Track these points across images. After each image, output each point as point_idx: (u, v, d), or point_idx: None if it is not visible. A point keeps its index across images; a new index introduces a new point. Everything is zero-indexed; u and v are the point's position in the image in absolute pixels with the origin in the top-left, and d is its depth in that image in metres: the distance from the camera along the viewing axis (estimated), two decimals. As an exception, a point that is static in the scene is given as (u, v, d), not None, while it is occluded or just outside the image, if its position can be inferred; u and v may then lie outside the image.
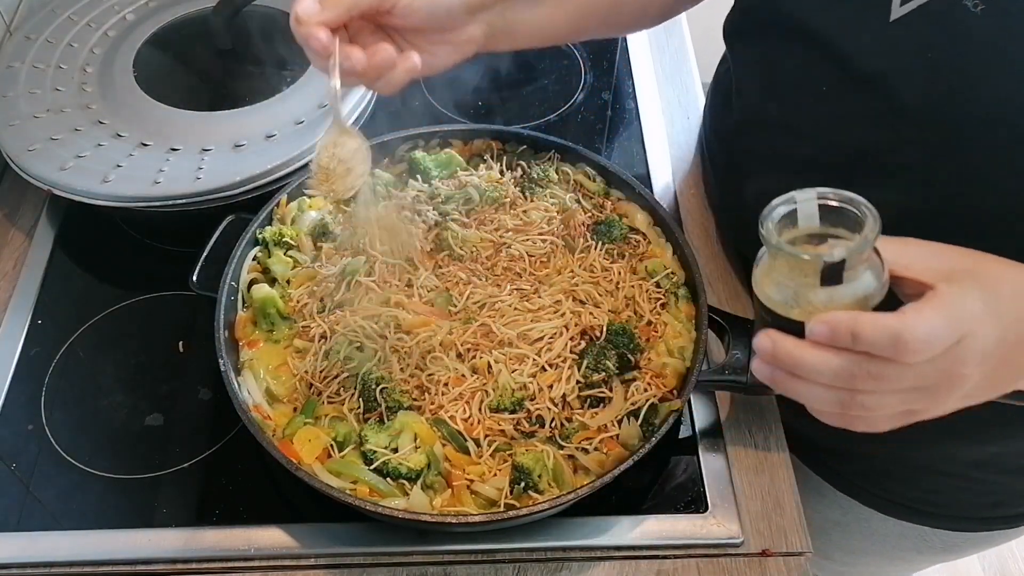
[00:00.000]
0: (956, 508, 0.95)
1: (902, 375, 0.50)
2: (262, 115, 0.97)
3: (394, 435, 0.74)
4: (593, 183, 0.93)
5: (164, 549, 0.77)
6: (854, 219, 0.53)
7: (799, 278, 0.54)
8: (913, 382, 0.51)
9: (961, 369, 0.51)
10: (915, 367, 0.50)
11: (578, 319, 0.80)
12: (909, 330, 0.48)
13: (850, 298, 0.53)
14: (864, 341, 0.49)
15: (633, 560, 0.78)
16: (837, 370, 0.51)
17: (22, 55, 1.04)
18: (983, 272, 0.54)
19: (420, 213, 0.88)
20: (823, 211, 0.54)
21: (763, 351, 0.54)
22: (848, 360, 0.51)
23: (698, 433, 0.85)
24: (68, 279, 0.98)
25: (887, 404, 0.53)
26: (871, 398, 0.52)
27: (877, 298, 0.54)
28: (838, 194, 0.54)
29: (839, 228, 0.54)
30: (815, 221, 0.54)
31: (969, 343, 0.50)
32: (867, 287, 0.53)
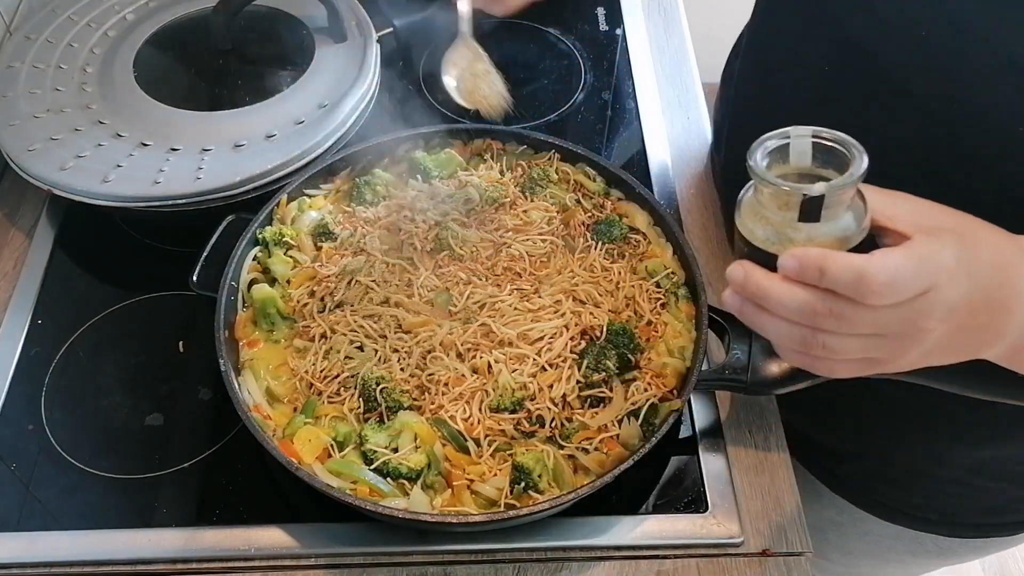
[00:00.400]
0: (951, 514, 0.94)
1: (864, 318, 0.50)
2: (262, 115, 0.97)
3: (394, 435, 0.74)
4: (593, 183, 0.93)
5: (164, 549, 0.77)
6: (844, 161, 0.53)
7: (781, 213, 0.54)
8: (875, 327, 0.51)
9: (924, 322, 0.51)
10: (878, 312, 0.50)
11: (578, 319, 0.80)
12: (875, 271, 0.48)
13: (828, 238, 0.53)
14: (830, 277, 0.49)
15: (633, 560, 0.78)
16: (801, 304, 0.51)
17: (22, 55, 1.04)
18: (966, 231, 0.54)
19: (420, 213, 0.88)
20: (816, 149, 0.54)
21: (734, 280, 0.54)
22: (813, 295, 0.51)
23: (698, 433, 0.85)
24: (68, 279, 0.98)
25: (848, 348, 0.52)
26: (833, 339, 0.52)
27: (855, 241, 0.54)
28: (831, 133, 0.54)
29: (829, 169, 0.54)
30: (807, 159, 0.54)
31: (935, 295, 0.50)
32: (846, 228, 0.53)
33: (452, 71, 0.73)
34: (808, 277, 0.50)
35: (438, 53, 1.21)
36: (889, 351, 0.53)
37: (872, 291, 0.48)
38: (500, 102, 0.87)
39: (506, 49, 0.94)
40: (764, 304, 0.53)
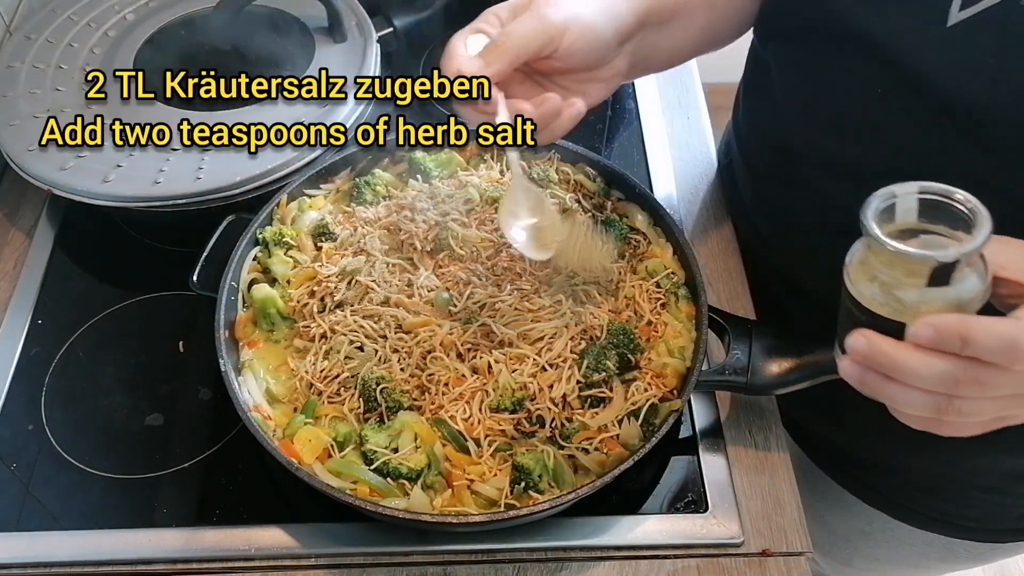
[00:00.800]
0: (989, 521, 0.94)
1: (1009, 381, 0.49)
2: (262, 115, 0.97)
3: (394, 435, 0.74)
4: (593, 183, 0.93)
5: (164, 549, 0.77)
6: (954, 215, 0.51)
7: (899, 276, 0.51)
8: (1016, 388, 0.49)
9: None
10: (1021, 373, 0.48)
11: (578, 319, 0.80)
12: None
13: (952, 300, 0.51)
14: (976, 346, 0.47)
15: (633, 560, 0.78)
16: (941, 375, 0.49)
17: (22, 55, 1.04)
18: None
19: (420, 213, 0.88)
20: (921, 206, 0.52)
21: (857, 351, 0.52)
22: (953, 365, 0.48)
23: (698, 433, 0.85)
24: (68, 279, 0.98)
25: (984, 410, 0.51)
26: (969, 404, 0.50)
27: (980, 302, 0.51)
28: (941, 189, 0.52)
29: (937, 224, 0.52)
30: (912, 216, 0.52)
31: None
32: (971, 289, 0.51)
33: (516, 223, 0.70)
34: (947, 346, 0.48)
35: (438, 53, 1.21)
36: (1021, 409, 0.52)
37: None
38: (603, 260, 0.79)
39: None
40: (895, 376, 0.51)
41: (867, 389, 0.54)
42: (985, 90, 0.62)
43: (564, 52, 0.66)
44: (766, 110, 0.89)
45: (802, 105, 0.81)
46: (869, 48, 0.69)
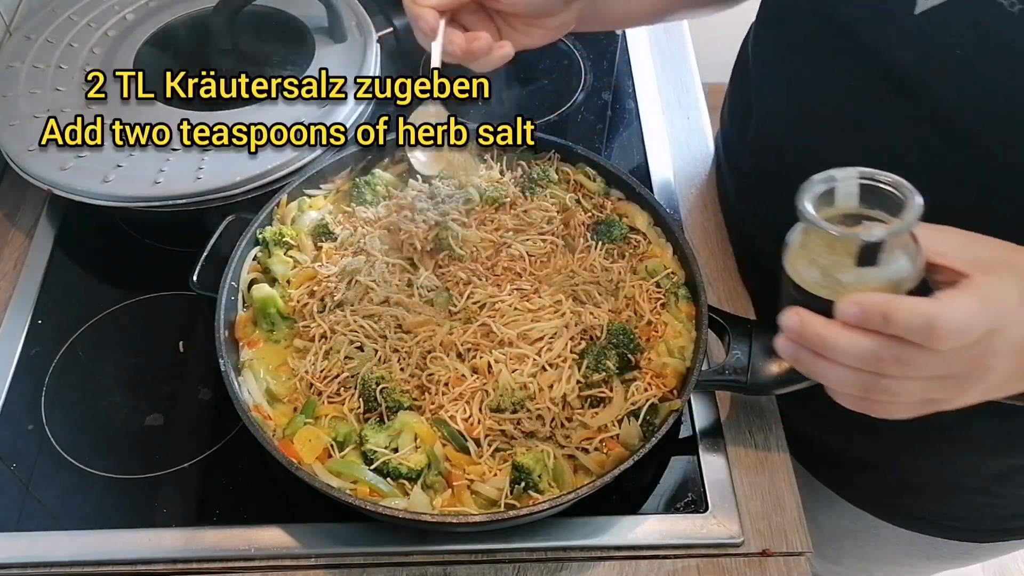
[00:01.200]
0: (972, 521, 0.94)
1: (930, 362, 0.49)
2: (262, 115, 0.97)
3: (394, 435, 0.74)
4: (593, 183, 0.93)
5: (164, 549, 0.77)
6: (893, 201, 0.53)
7: (832, 257, 0.53)
8: (940, 370, 0.50)
9: (990, 361, 0.50)
10: (944, 355, 0.49)
11: (578, 319, 0.80)
12: (943, 316, 0.47)
13: (883, 281, 0.52)
14: (897, 325, 0.48)
15: (633, 560, 0.78)
16: (865, 352, 0.50)
17: (22, 55, 1.04)
18: (1020, 265, 0.52)
19: (420, 213, 0.88)
20: (862, 191, 0.54)
21: (790, 329, 0.53)
22: (877, 343, 0.50)
23: (698, 433, 0.85)
24: (68, 279, 0.98)
25: (911, 391, 0.52)
26: (895, 383, 0.51)
27: (910, 283, 0.53)
28: (879, 174, 0.53)
29: (876, 209, 0.53)
30: (853, 201, 0.54)
31: (1001, 335, 0.49)
32: (901, 271, 0.52)
33: None
34: (871, 324, 0.49)
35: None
36: (952, 391, 0.52)
37: (942, 337, 0.47)
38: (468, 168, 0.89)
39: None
40: (824, 353, 0.52)
41: (800, 367, 0.55)
42: (953, 79, 0.62)
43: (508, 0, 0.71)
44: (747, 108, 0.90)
45: (779, 99, 0.82)
46: (843, 37, 0.69)
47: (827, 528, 1.05)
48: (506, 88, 1.16)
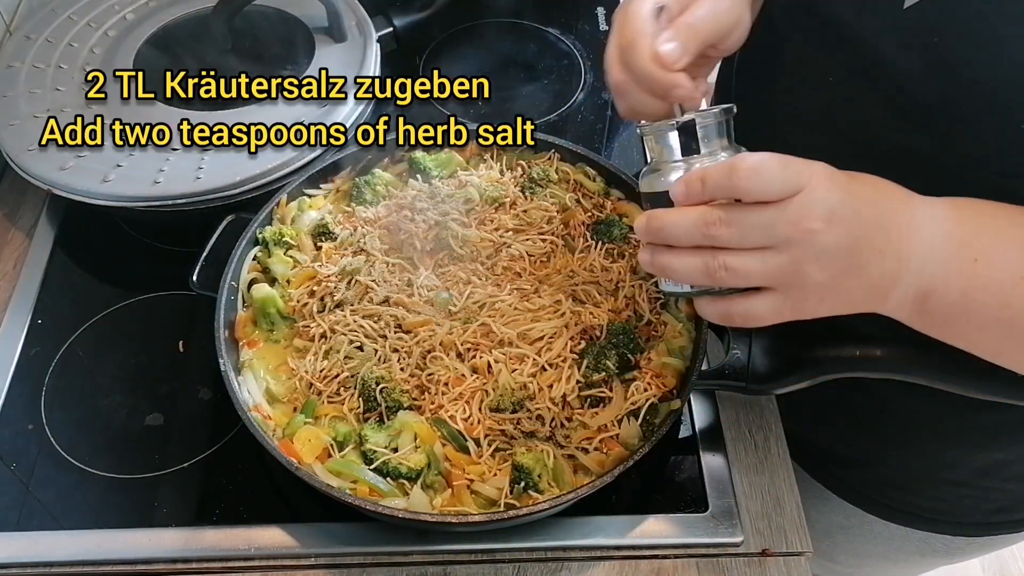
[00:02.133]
0: (961, 515, 0.94)
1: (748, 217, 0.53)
2: (262, 115, 0.97)
3: (394, 435, 0.74)
4: (593, 183, 0.93)
5: (164, 549, 0.77)
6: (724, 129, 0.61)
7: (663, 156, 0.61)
8: (762, 229, 0.53)
9: (807, 221, 0.53)
10: (760, 211, 0.53)
11: (578, 319, 0.80)
12: (741, 158, 0.52)
13: None
14: (709, 183, 0.53)
15: (633, 560, 0.78)
16: (694, 219, 0.55)
17: (22, 55, 1.04)
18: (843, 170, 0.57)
19: (420, 213, 0.88)
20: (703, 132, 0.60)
21: (639, 229, 0.58)
22: (702, 209, 0.55)
23: (698, 433, 0.85)
24: (68, 279, 0.98)
25: (749, 266, 0.55)
26: (731, 257, 0.54)
27: None
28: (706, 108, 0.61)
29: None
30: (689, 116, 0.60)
31: (811, 195, 0.53)
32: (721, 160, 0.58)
33: None
34: (693, 191, 0.54)
35: (438, 53, 1.22)
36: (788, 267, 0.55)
37: (743, 175, 0.52)
38: None
39: (506, 49, 0.94)
40: (665, 237, 0.56)
41: (656, 269, 0.60)
42: (927, 72, 0.63)
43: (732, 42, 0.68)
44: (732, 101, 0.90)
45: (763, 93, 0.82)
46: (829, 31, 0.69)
47: (821, 524, 1.05)
48: (506, 88, 1.16)
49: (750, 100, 0.85)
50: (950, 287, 0.57)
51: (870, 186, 0.57)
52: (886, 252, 0.56)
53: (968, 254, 0.56)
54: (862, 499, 0.98)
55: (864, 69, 0.67)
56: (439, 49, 1.22)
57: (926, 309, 0.58)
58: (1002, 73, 0.59)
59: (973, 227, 0.57)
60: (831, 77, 0.71)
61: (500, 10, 1.25)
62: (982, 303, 0.57)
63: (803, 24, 0.73)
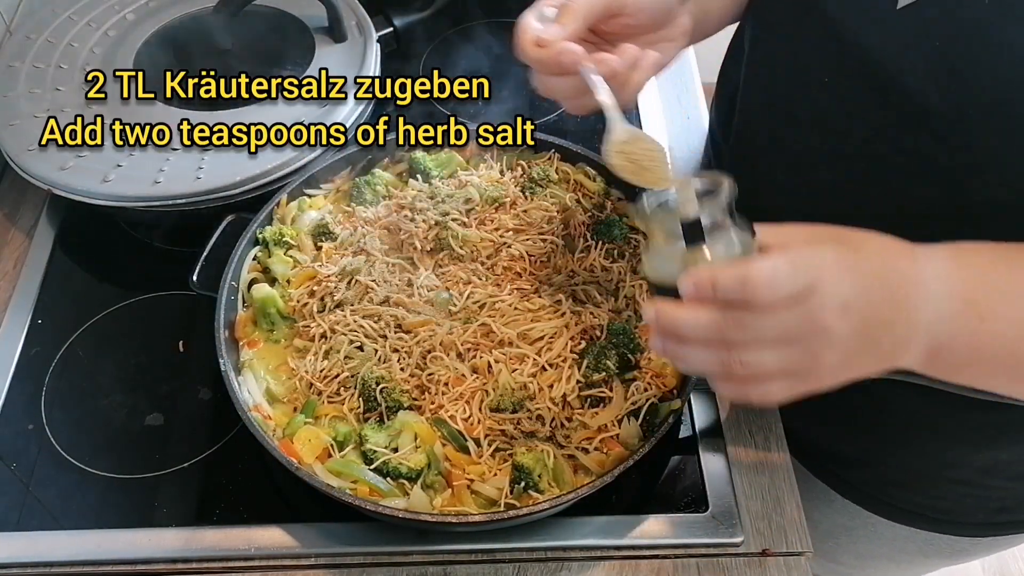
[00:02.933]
0: (963, 515, 0.94)
1: (764, 322, 0.52)
2: (262, 115, 0.97)
3: (394, 435, 0.75)
4: (593, 183, 0.93)
5: (164, 549, 0.77)
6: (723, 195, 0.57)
7: (673, 245, 0.58)
8: (777, 330, 0.53)
9: (821, 318, 0.53)
10: (776, 314, 0.52)
11: (578, 319, 0.80)
12: (754, 269, 0.51)
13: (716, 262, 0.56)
14: (720, 287, 0.52)
15: (633, 560, 0.78)
16: (707, 322, 0.53)
17: (22, 55, 1.04)
18: (847, 236, 0.56)
19: (420, 213, 0.88)
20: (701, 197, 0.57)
21: (649, 319, 0.57)
22: (715, 311, 0.53)
23: (698, 433, 0.85)
24: (68, 279, 0.98)
25: (764, 361, 0.54)
26: (747, 353, 0.54)
27: None
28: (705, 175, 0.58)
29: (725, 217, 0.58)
30: (694, 207, 0.57)
31: (823, 289, 0.52)
32: (731, 252, 0.56)
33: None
34: (704, 293, 0.53)
35: (438, 53, 1.21)
36: (804, 359, 0.54)
37: (756, 287, 0.51)
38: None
39: (506, 49, 0.94)
40: (678, 333, 0.55)
41: (668, 356, 0.58)
42: (928, 74, 0.63)
43: (632, 7, 0.67)
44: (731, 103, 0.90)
45: (761, 93, 0.82)
46: (825, 30, 0.69)
47: (824, 525, 1.05)
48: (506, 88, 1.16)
49: (749, 100, 0.85)
50: (957, 343, 0.57)
51: (877, 258, 0.57)
52: (896, 323, 0.56)
53: (974, 312, 0.57)
54: (864, 498, 0.98)
55: (862, 70, 0.67)
56: (439, 49, 1.22)
57: (936, 364, 0.59)
58: (1008, 77, 0.59)
59: (976, 283, 0.57)
60: (826, 78, 0.71)
61: (500, 10, 1.25)
62: (991, 355, 0.58)
63: (802, 23, 0.73)
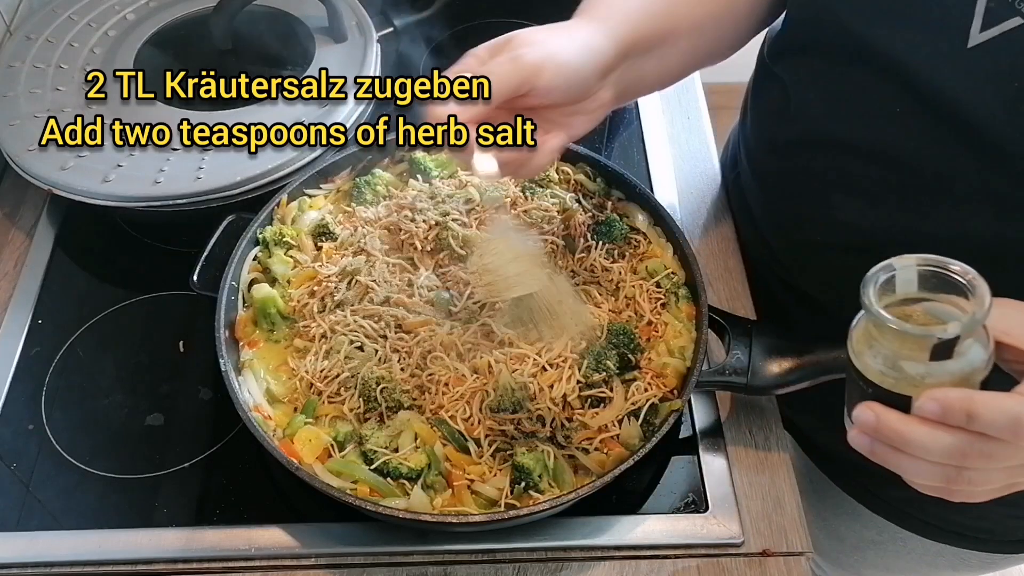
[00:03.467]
0: (1002, 533, 0.93)
1: (1016, 454, 0.49)
2: (262, 115, 0.97)
3: (394, 435, 0.74)
4: (593, 183, 0.93)
5: (164, 549, 0.77)
6: (954, 285, 0.52)
7: (902, 350, 0.52)
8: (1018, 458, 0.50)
9: None
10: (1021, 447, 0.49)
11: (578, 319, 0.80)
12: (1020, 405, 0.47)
13: (956, 372, 0.51)
14: (981, 422, 0.48)
15: (633, 560, 0.78)
16: (948, 448, 0.50)
17: (22, 55, 1.04)
18: None
19: (420, 213, 0.88)
20: (920, 276, 0.53)
21: (865, 424, 0.53)
22: (960, 439, 0.49)
23: (698, 433, 0.85)
24: (68, 279, 0.98)
25: (994, 480, 0.51)
26: (979, 474, 0.51)
27: (984, 371, 0.52)
28: (938, 260, 0.53)
29: (937, 293, 0.53)
30: (913, 287, 0.54)
31: None
32: (975, 361, 0.52)
33: None
34: (953, 421, 0.49)
35: (438, 53, 1.21)
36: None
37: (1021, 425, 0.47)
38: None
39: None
40: (904, 449, 0.52)
41: (877, 459, 0.55)
42: (1006, 112, 0.62)
43: (542, 91, 0.66)
44: (778, 123, 0.87)
45: (817, 121, 0.79)
46: (887, 67, 0.68)
47: (851, 539, 1.04)
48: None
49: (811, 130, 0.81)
50: None
51: None
52: None
53: None
54: (899, 515, 0.97)
55: (933, 105, 0.66)
56: (439, 49, 1.22)
57: None
58: None
59: None
60: (898, 108, 0.69)
61: (500, 10, 1.25)
62: None
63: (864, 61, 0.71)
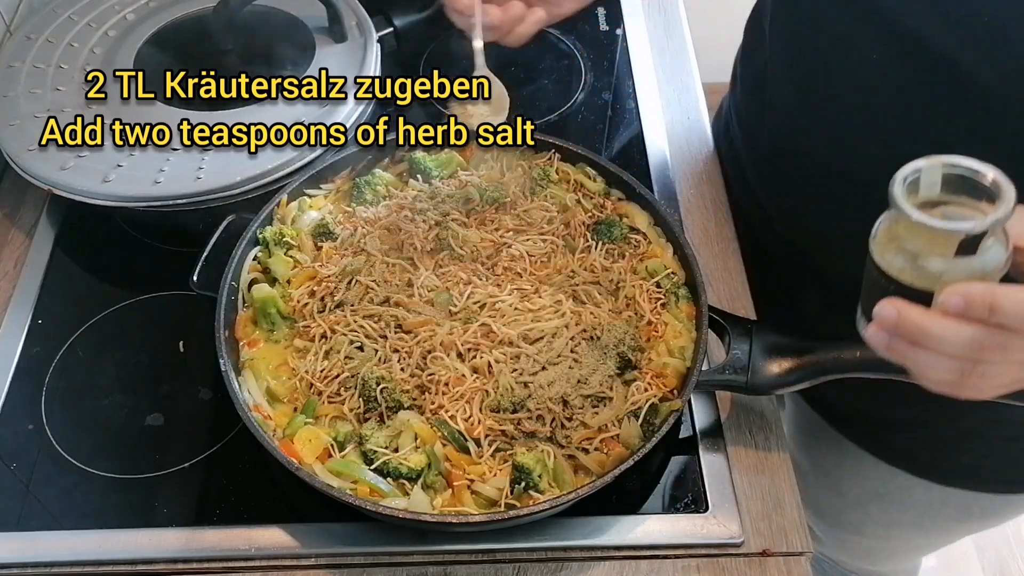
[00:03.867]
0: (1006, 472, 0.94)
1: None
2: (262, 115, 0.97)
3: (394, 435, 0.75)
4: (593, 183, 0.93)
5: (164, 549, 0.77)
6: (977, 187, 0.53)
7: (926, 247, 0.53)
8: None
9: None
10: None
11: (578, 319, 0.80)
12: None
13: (977, 269, 0.52)
14: (1003, 314, 0.49)
15: (633, 560, 0.78)
16: (969, 341, 0.51)
17: (22, 55, 1.04)
18: None
19: (420, 213, 0.88)
20: (944, 179, 0.54)
21: (886, 319, 0.53)
22: (980, 331, 0.50)
23: (698, 433, 0.85)
24: (68, 279, 0.98)
25: (1006, 373, 0.52)
26: (992, 367, 0.52)
27: (1002, 271, 0.53)
28: (966, 163, 0.54)
29: (960, 196, 0.54)
30: (936, 190, 0.54)
31: None
32: (995, 259, 0.53)
33: None
34: (975, 314, 0.50)
35: (438, 53, 1.21)
36: None
37: None
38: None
39: (506, 49, 0.94)
40: (924, 343, 0.52)
41: (893, 355, 0.55)
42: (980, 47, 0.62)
43: None
44: (766, 88, 0.88)
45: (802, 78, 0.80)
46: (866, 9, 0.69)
47: (854, 494, 1.04)
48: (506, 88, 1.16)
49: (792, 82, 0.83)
50: None
51: None
52: None
53: None
54: (907, 460, 0.97)
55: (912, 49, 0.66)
56: (439, 49, 1.22)
57: None
58: None
59: None
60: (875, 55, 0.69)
61: (500, 10, 1.25)
62: None
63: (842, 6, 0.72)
